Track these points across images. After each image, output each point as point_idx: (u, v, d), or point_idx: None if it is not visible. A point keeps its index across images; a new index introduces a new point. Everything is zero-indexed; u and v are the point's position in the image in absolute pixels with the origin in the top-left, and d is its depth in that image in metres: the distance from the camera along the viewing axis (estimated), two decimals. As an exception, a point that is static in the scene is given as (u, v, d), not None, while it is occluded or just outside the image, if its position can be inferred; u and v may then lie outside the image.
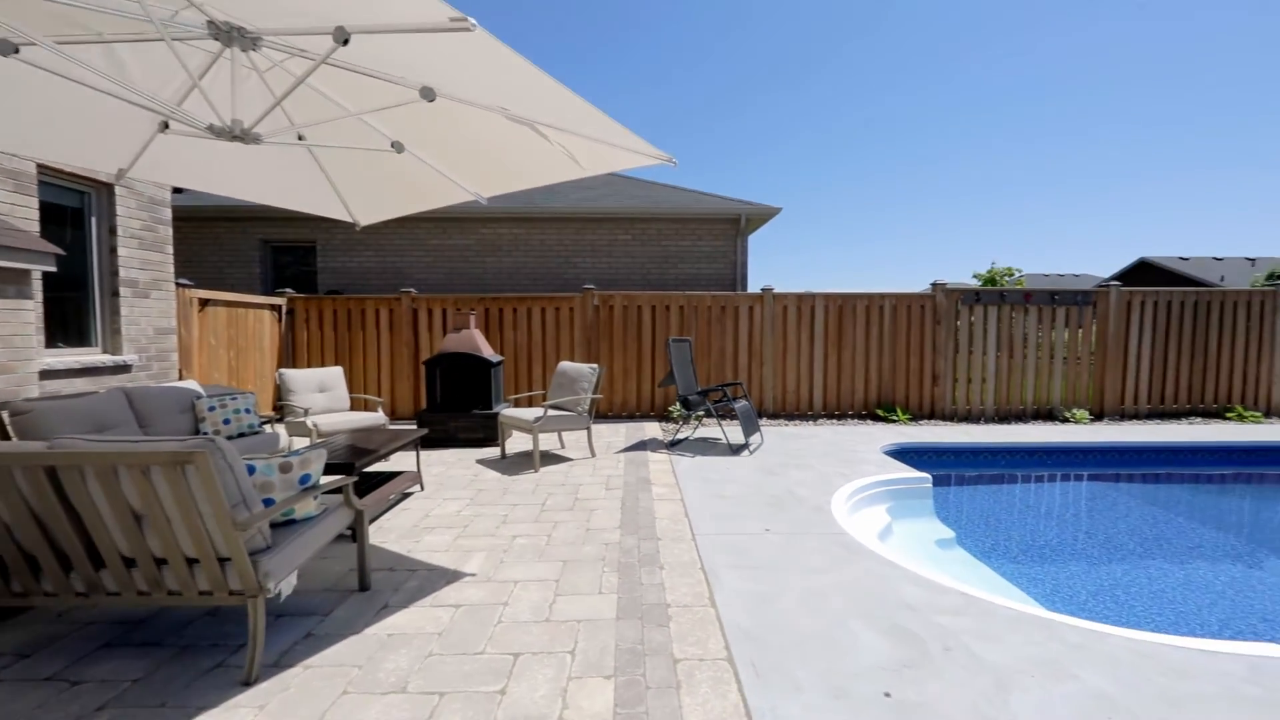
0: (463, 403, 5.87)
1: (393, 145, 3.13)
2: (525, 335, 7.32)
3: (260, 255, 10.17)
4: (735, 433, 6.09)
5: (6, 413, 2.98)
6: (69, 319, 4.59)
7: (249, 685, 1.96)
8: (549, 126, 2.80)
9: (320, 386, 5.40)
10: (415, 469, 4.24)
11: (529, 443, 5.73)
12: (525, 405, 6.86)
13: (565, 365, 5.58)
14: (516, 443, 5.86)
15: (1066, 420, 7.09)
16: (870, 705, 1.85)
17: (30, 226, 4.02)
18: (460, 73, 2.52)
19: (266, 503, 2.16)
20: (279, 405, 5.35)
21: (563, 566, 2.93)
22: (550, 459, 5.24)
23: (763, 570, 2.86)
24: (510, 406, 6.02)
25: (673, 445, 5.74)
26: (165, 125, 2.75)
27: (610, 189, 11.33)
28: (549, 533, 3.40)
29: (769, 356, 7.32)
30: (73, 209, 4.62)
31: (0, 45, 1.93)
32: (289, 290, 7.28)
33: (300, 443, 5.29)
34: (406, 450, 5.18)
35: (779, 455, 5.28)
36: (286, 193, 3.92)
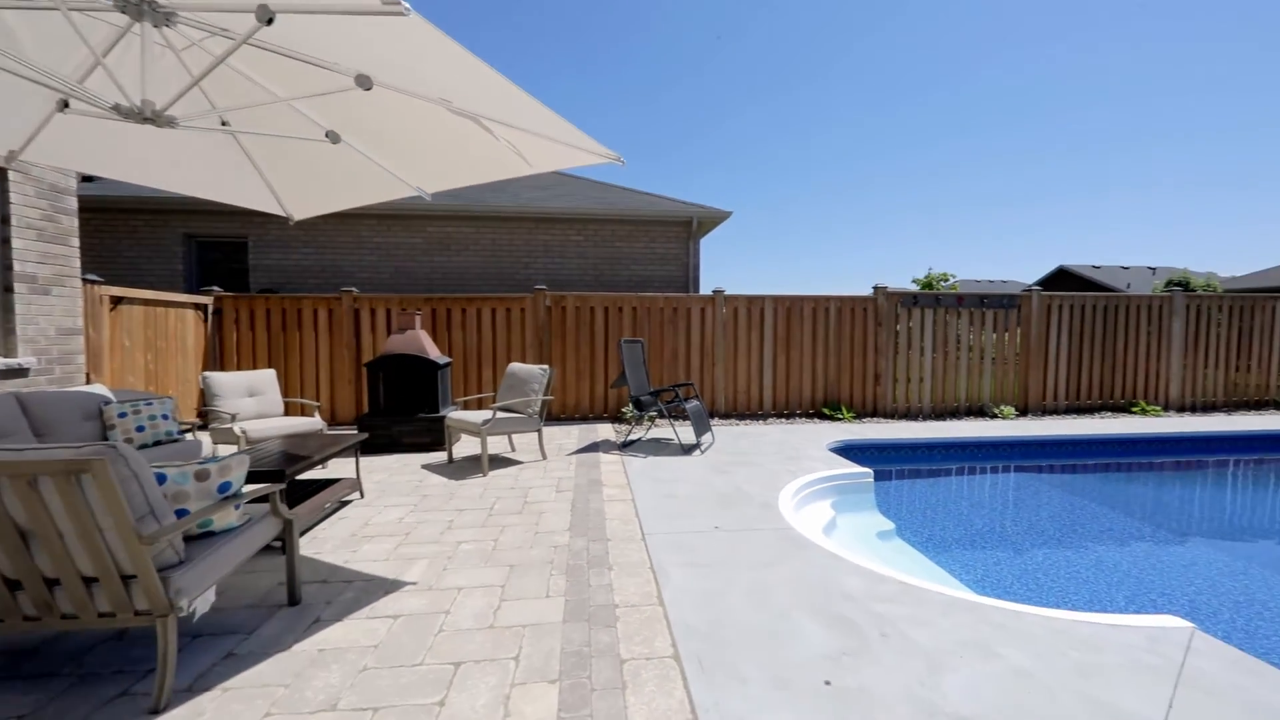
0: (408, 406, 5.66)
1: (327, 135, 2.98)
2: (475, 336, 7.14)
3: (184, 251, 9.47)
4: (687, 433, 6.14)
5: None
6: (-48, 317, 4.12)
7: (157, 713, 1.80)
8: (494, 121, 2.74)
9: (250, 390, 5.07)
10: (355, 476, 4.05)
11: (478, 446, 5.58)
12: (475, 408, 6.68)
13: (516, 367, 5.47)
14: (465, 447, 5.70)
15: (995, 416, 7.56)
16: (811, 694, 1.89)
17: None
18: (399, 62, 2.43)
19: (180, 514, 2.00)
20: (203, 411, 4.99)
21: (509, 571, 2.86)
22: (500, 462, 5.12)
23: (711, 567, 2.89)
24: (458, 409, 5.85)
25: (625, 446, 5.73)
26: (65, 104, 2.51)
27: (563, 189, 11.24)
28: (496, 537, 3.31)
29: (720, 357, 7.44)
30: (-44, 195, 4.16)
31: None
32: (216, 288, 6.81)
33: (227, 451, 4.94)
34: (346, 456, 4.95)
35: (729, 454, 5.37)
36: (211, 184, 3.67)
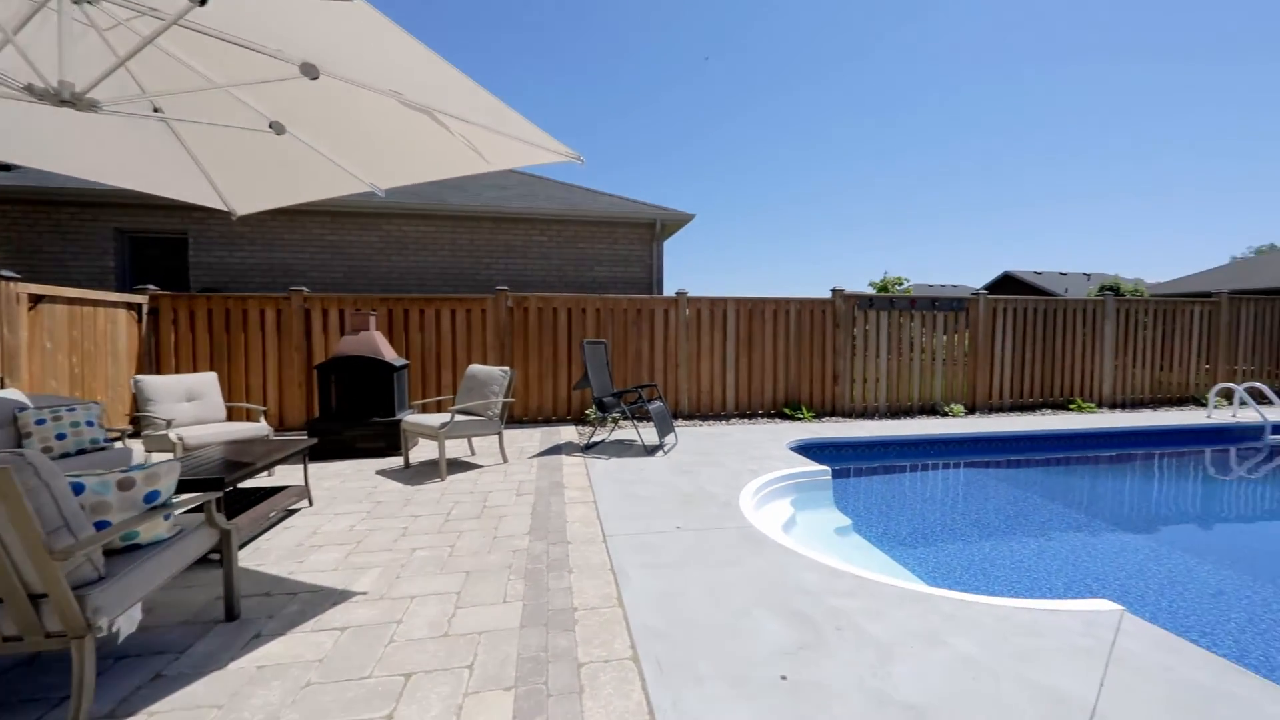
0: (361, 410, 5.45)
1: (271, 126, 2.85)
2: (434, 338, 6.95)
3: (116, 247, 8.87)
4: (651, 434, 6.14)
5: None
6: None
7: (73, 743, 1.67)
8: (450, 116, 2.67)
9: (188, 395, 4.78)
10: (303, 483, 3.87)
11: (435, 451, 5.43)
12: (434, 411, 6.51)
13: (475, 368, 5.36)
14: (422, 451, 5.54)
15: (946, 414, 7.87)
16: (767, 689, 1.91)
17: None
18: (348, 50, 2.34)
19: (100, 526, 1.86)
20: (136, 417, 4.67)
21: (465, 578, 2.78)
22: (459, 467, 5.00)
23: (672, 567, 2.88)
24: (415, 413, 5.67)
25: (588, 448, 5.69)
26: (-31, 83, 2.31)
27: (526, 189, 11.10)
28: (453, 543, 3.22)
29: (684, 358, 7.48)
30: None
31: None
32: (152, 287, 6.40)
33: (161, 459, 4.64)
34: (293, 463, 4.72)
35: (692, 454, 5.39)
36: (145, 175, 3.45)
